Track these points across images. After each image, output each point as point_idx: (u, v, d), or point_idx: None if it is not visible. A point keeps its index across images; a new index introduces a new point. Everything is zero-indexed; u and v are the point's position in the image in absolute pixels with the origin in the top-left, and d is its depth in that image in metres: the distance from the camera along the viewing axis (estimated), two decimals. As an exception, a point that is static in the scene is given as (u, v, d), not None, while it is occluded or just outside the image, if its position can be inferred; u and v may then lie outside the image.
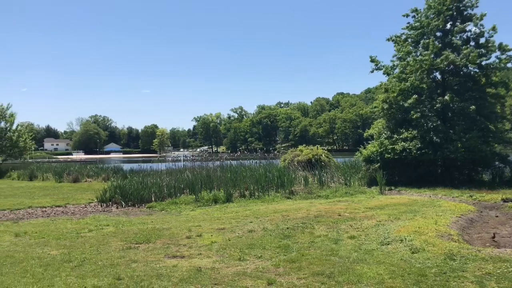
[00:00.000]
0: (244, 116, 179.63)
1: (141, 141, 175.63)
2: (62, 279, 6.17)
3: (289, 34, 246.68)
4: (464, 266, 6.30)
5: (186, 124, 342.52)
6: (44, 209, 14.52)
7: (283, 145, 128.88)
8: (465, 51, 17.47)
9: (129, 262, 7.06)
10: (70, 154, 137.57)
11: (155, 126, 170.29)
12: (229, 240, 8.47)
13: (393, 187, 17.14)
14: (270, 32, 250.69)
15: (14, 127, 36.51)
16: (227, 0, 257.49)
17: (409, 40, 19.62)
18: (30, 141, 38.43)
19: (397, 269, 6.25)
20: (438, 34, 18.73)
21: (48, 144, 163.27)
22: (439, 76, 19.10)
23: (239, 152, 39.41)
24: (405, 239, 7.88)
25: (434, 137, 17.43)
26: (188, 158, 29.75)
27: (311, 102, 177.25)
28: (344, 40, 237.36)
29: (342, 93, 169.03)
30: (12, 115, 36.08)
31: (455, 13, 18.45)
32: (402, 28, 19.93)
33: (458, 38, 18.35)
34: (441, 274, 5.99)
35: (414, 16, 19.53)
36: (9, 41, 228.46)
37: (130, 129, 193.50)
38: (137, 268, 6.70)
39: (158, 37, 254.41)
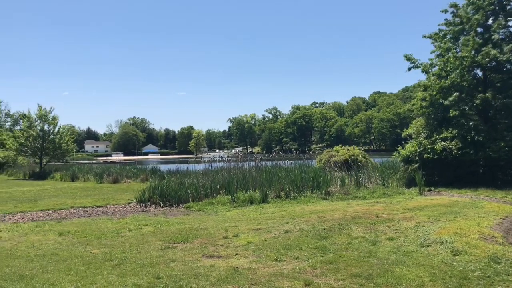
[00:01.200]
0: (279, 117, 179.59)
1: (177, 142, 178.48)
2: (104, 277, 6.36)
3: (324, 34, 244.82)
4: (510, 270, 6.08)
5: (221, 125, 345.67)
6: (85, 209, 14.95)
7: (318, 145, 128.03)
8: (508, 47, 16.83)
9: (167, 261, 7.19)
10: (110, 155, 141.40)
11: (191, 128, 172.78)
12: (266, 241, 8.48)
13: (432, 188, 16.72)
14: (305, 32, 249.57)
15: (56, 129, 37.67)
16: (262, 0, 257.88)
17: (448, 36, 19.07)
18: (72, 143, 39.55)
19: (437, 272, 6.09)
20: (479, 30, 18.11)
21: (88, 146, 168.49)
22: (480, 73, 18.47)
23: (274, 153, 39.40)
24: (446, 241, 7.67)
25: (476, 136, 16.87)
26: (224, 158, 30.01)
27: (346, 102, 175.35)
28: (380, 39, 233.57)
29: (378, 92, 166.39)
30: (54, 118, 37.26)
31: (497, 8, 17.82)
32: (439, 25, 19.36)
33: (500, 33, 17.69)
34: (484, 278, 5.80)
35: (453, 12, 18.95)
36: (52, 48, 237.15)
37: (167, 131, 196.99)
38: (175, 267, 6.81)
39: (192, 41, 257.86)
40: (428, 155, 17.27)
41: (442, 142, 17.17)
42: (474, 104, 17.33)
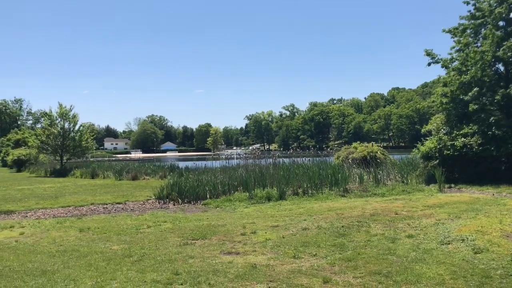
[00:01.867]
0: (296, 114, 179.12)
1: (195, 139, 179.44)
2: (124, 273, 6.43)
3: (342, 29, 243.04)
4: (533, 268, 5.95)
5: (239, 122, 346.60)
6: (105, 206, 15.15)
7: (336, 142, 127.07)
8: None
9: (186, 257, 7.23)
10: (129, 153, 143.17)
11: (209, 125, 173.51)
12: (283, 238, 8.47)
13: (452, 185, 16.46)
14: (322, 28, 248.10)
15: (77, 127, 38.16)
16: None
17: (468, 30, 18.69)
18: (92, 140, 40.04)
19: (458, 270, 6.00)
20: (501, 23, 17.71)
21: (108, 144, 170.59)
22: (502, 68, 18.08)
23: (291, 150, 39.26)
24: (467, 238, 7.54)
25: (497, 132, 16.53)
26: (241, 156, 30.00)
27: (365, 98, 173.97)
28: (399, 34, 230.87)
29: (397, 88, 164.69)
30: (75, 116, 37.72)
31: (520, 1, 17.39)
32: (461, 17, 18.93)
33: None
34: (507, 276, 5.69)
35: (474, 5, 18.55)
36: (73, 47, 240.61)
37: (185, 128, 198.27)
38: (194, 263, 6.85)
39: (210, 39, 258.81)
40: (448, 152, 17.00)
41: (463, 138, 16.89)
42: (495, 100, 17.00)
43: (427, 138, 19.17)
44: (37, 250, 8.17)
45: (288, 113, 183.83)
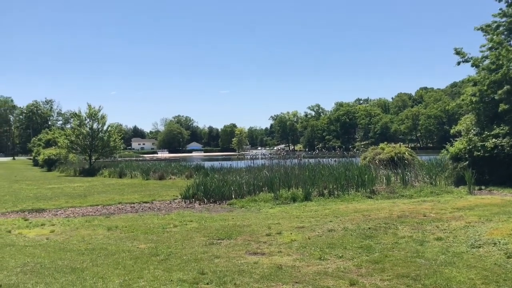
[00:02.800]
0: (321, 114, 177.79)
1: (220, 140, 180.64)
2: (150, 272, 6.50)
3: (368, 27, 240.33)
4: None
5: (263, 122, 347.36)
6: (132, 205, 15.36)
7: (362, 143, 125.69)
8: None
9: (212, 257, 7.27)
10: (156, 152, 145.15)
11: (234, 125, 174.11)
12: (309, 239, 8.42)
13: (483, 187, 16.05)
14: (348, 28, 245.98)
15: (105, 128, 38.81)
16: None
17: (501, 28, 18.18)
18: (120, 140, 40.63)
19: (490, 274, 5.84)
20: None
21: (135, 144, 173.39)
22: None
23: (316, 150, 39.03)
24: (499, 242, 7.34)
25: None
26: (266, 156, 30.01)
27: (392, 98, 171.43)
28: (426, 33, 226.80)
29: (425, 88, 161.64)
30: (103, 117, 38.37)
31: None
32: (492, 15, 18.48)
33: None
34: (541, 282, 5.51)
35: (507, 1, 18.03)
36: (100, 49, 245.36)
37: (210, 129, 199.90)
38: (219, 263, 6.87)
39: (233, 39, 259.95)
40: (479, 153, 16.59)
41: (494, 139, 16.45)
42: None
43: (456, 139, 18.76)
44: (67, 248, 8.35)
45: (313, 113, 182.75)
